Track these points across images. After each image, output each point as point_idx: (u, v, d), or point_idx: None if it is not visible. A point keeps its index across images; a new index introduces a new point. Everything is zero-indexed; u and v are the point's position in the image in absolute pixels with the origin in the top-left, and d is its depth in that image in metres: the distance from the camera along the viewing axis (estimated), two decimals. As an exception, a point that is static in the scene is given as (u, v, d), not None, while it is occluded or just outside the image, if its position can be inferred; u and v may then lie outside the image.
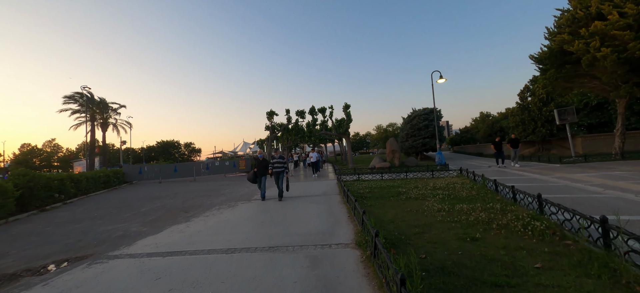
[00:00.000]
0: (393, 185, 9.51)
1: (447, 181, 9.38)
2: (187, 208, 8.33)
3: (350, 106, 21.17)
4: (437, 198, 6.66)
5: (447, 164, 15.18)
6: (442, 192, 7.39)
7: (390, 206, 6.30)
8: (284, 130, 24.75)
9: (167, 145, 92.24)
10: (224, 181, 16.50)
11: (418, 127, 25.63)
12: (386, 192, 8.06)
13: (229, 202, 8.90)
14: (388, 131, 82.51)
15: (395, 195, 7.53)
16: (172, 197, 10.78)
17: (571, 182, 8.35)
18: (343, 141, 28.01)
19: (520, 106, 21.81)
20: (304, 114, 22.36)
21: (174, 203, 9.26)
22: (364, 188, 9.16)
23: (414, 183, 9.46)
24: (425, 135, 25.19)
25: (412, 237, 4.10)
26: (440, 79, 16.42)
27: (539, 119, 19.69)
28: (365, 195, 7.80)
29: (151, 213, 7.84)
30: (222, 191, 11.92)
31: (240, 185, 13.90)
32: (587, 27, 12.85)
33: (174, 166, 18.78)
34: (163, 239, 5.02)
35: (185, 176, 18.96)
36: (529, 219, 4.23)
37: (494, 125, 47.67)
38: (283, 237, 4.59)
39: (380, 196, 7.58)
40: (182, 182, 17.23)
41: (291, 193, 9.41)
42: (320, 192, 9.47)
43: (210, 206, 8.36)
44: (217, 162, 20.19)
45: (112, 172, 15.38)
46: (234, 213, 6.97)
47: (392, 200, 6.88)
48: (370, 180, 11.36)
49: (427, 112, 25.85)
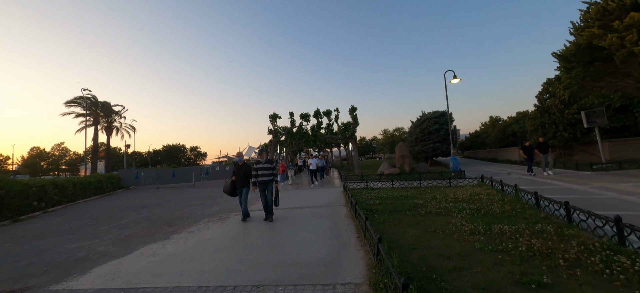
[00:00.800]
0: (407, 195, 8.38)
1: (470, 191, 8.20)
2: (172, 220, 7.35)
3: (357, 109, 20.13)
4: (465, 214, 5.52)
5: (463, 171, 13.94)
6: (468, 205, 6.24)
7: (408, 223, 5.19)
8: (287, 133, 23.80)
9: (173, 149, 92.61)
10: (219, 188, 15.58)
11: (428, 131, 24.37)
12: (400, 204, 6.94)
13: (222, 213, 7.91)
14: (394, 136, 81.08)
15: (411, 208, 6.41)
16: (162, 206, 9.85)
17: (617, 193, 7.09)
18: (349, 145, 26.89)
19: (539, 109, 20.39)
20: (309, 117, 21.40)
21: (161, 214, 8.31)
22: (374, 199, 8.06)
23: (431, 193, 8.31)
24: (435, 139, 23.90)
25: (447, 275, 2.99)
26: (454, 79, 15.26)
27: (560, 122, 18.26)
28: (376, 208, 6.70)
29: (131, 227, 6.88)
30: (218, 199, 10.95)
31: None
32: (621, 19, 11.59)
33: (172, 171, 17.96)
34: (126, 266, 4.02)
35: (184, 181, 18.12)
36: (606, 252, 3.09)
37: (506, 129, 46.08)
38: (273, 269, 3.53)
39: (394, 209, 6.47)
40: (180, 188, 16.36)
41: (291, 204, 8.38)
42: (323, 203, 8.40)
43: (199, 218, 7.37)
44: (217, 167, 19.32)
45: (105, 177, 14.60)
46: (222, 229, 5.95)
47: (409, 216, 5.76)
48: (380, 189, 10.23)
49: (437, 115, 24.58)
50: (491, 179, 8.88)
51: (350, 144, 27.82)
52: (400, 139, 79.66)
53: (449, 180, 10.40)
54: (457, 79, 15.17)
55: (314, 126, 21.68)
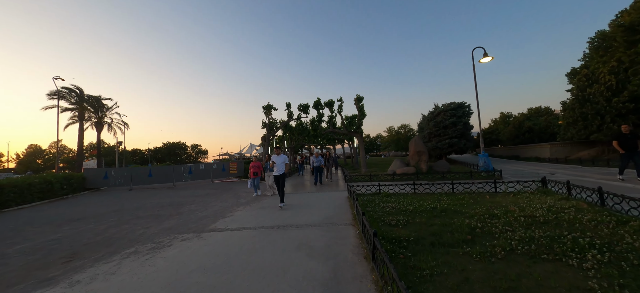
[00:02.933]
0: (443, 207, 5.66)
1: (538, 203, 5.45)
2: (85, 248, 4.75)
3: (363, 98, 17.38)
4: (593, 260, 2.80)
5: (499, 171, 11.11)
6: (569, 233, 3.52)
7: (482, 283, 2.50)
8: (284, 127, 21.14)
9: (174, 146, 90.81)
10: (204, 189, 13.00)
11: (444, 124, 21.53)
12: (442, 226, 4.25)
13: (172, 233, 5.31)
14: (400, 133, 78.08)
15: (467, 237, 3.71)
16: (102, 219, 7.27)
17: None
18: (354, 141, 24.09)
19: (578, 98, 17.40)
20: (308, 109, 18.68)
21: (82, 235, 5.72)
22: (394, 213, 5.37)
23: (480, 206, 5.59)
24: (452, 134, 21.07)
25: None
26: (484, 58, 12.41)
27: (607, 113, 15.31)
28: (402, 235, 3.99)
29: (11, 261, 4.31)
30: (184, 208, 8.36)
31: (218, 197, 10.33)
32: None
33: (148, 170, 15.44)
34: None
35: (162, 182, 15.59)
36: None
37: (521, 125, 43.14)
38: None
39: (436, 238, 3.78)
40: (156, 190, 13.84)
41: (271, 220, 5.73)
42: (319, 217, 5.73)
43: (128, 244, 4.78)
44: (203, 166, 16.75)
45: (60, 178, 12.09)
46: (135, 274, 3.32)
47: (473, 258, 3.05)
48: (399, 196, 7.53)
49: (454, 107, 21.72)
50: (570, 186, 6.13)
51: (355, 140, 25.07)
52: (406, 137, 76.55)
53: (494, 183, 7.62)
54: (488, 57, 12.32)
55: (314, 118, 18.96)
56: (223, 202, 8.99)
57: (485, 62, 12.47)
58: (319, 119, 18.61)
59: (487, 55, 12.30)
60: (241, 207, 7.93)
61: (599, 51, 19.50)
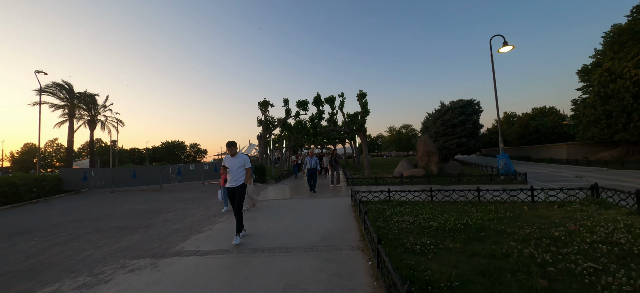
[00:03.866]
0: (474, 223, 4.38)
1: (596, 217, 4.17)
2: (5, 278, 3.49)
3: (366, 95, 16.09)
4: None
5: (523, 175, 9.79)
6: None
7: None
8: (282, 125, 19.87)
9: (173, 145, 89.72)
10: (192, 193, 11.75)
11: (452, 123, 20.22)
12: (488, 255, 3.00)
13: (125, 256, 4.07)
14: (402, 133, 76.89)
15: (532, 272, 2.43)
16: (54, 231, 6.01)
17: None
18: (356, 140, 22.84)
19: (600, 95, 16.06)
20: (307, 105, 17.39)
21: (13, 257, 4.45)
22: (414, 231, 4.10)
23: (525, 221, 4.31)
24: (461, 133, 19.76)
25: None
26: (503, 47, 11.11)
27: (634, 110, 13.99)
28: (435, 276, 2.69)
29: None
30: (158, 217, 7.10)
31: (203, 202, 9.10)
32: None
33: (132, 171, 14.17)
34: None
35: (148, 183, 14.32)
36: None
37: (528, 125, 41.96)
38: None
39: (485, 276, 2.51)
40: (141, 193, 12.59)
41: (260, 237, 4.44)
42: (318, 236, 4.45)
43: (58, 275, 3.53)
44: (192, 166, 15.47)
45: (30, 180, 10.84)
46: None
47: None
48: (413, 204, 6.25)
49: (463, 105, 20.40)
50: None
51: (357, 138, 23.81)
52: (407, 137, 75.31)
53: (533, 192, 6.31)
54: (508, 46, 11.02)
55: (314, 116, 17.68)
56: (206, 210, 7.72)
57: (505, 51, 11.17)
58: (318, 116, 17.31)
59: (507, 44, 11.00)
60: (225, 216, 6.67)
61: (615, 46, 18.23)
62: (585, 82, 27.77)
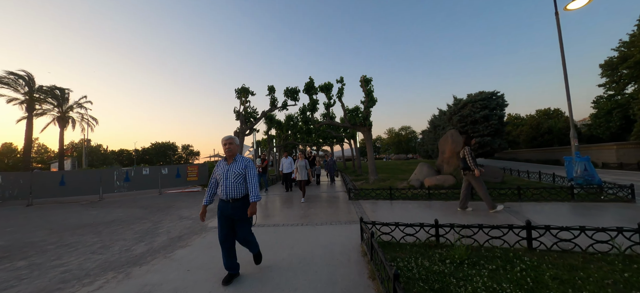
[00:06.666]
0: None
1: None
2: None
3: (371, 80, 12.68)
4: None
5: (628, 188, 6.28)
6: None
7: None
8: (268, 119, 16.33)
9: (163, 147, 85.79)
10: (140, 207, 8.21)
11: (472, 119, 16.86)
12: None
13: None
14: (401, 135, 73.91)
15: None
16: None
17: None
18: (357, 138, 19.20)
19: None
20: (297, 94, 13.92)
21: None
22: None
23: None
24: (484, 131, 16.40)
25: None
26: (571, 4, 7.73)
27: None
28: None
29: None
30: (44, 256, 3.53)
31: (141, 224, 5.56)
32: None
33: (61, 175, 10.56)
34: None
35: (83, 193, 10.70)
36: None
37: (539, 126, 39.32)
38: None
39: None
40: (63, 206, 9.01)
41: None
42: None
43: None
44: (146, 170, 11.87)
45: None
46: None
47: None
48: (501, 260, 2.76)
49: (485, 98, 17.06)
50: None
51: (358, 136, 20.28)
52: (407, 139, 72.20)
53: None
54: (578, 1, 7.63)
55: (305, 107, 14.17)
56: (147, 241, 4.20)
57: (575, 8, 7.78)
58: (311, 107, 13.79)
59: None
60: (161, 253, 3.21)
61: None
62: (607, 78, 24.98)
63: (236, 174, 2.89)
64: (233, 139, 3.05)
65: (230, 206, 2.87)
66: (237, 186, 2.88)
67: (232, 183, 2.87)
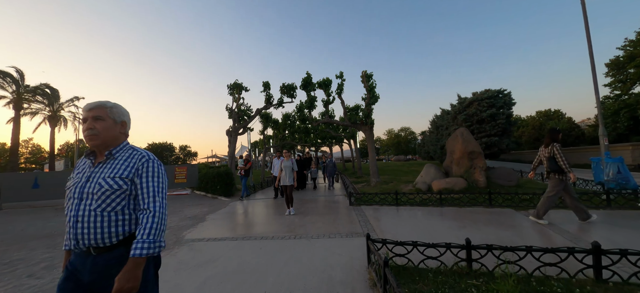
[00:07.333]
0: None
1: None
2: None
3: (373, 75, 11.85)
4: None
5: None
6: None
7: None
8: (264, 118, 15.49)
9: (160, 147, 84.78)
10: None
11: (479, 118, 16.07)
12: None
13: None
14: (400, 136, 73.07)
15: None
16: None
17: None
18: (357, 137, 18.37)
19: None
20: (294, 91, 13.07)
21: None
22: None
23: None
24: (491, 130, 15.61)
25: None
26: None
27: None
28: None
29: None
30: None
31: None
32: None
33: (33, 176, 9.63)
34: None
35: (61, 196, 9.72)
36: None
37: (541, 127, 39.10)
38: None
39: None
40: (33, 213, 8.08)
41: None
42: None
43: None
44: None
45: None
46: None
47: None
48: None
49: (492, 96, 16.28)
50: None
51: (358, 136, 19.44)
52: (406, 140, 71.33)
53: None
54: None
55: (303, 104, 13.31)
56: None
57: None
58: (309, 104, 12.94)
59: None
60: None
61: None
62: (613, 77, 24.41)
63: (108, 187, 1.26)
64: (104, 105, 1.39)
65: (89, 264, 1.25)
66: (108, 216, 1.25)
67: (96, 207, 1.25)
